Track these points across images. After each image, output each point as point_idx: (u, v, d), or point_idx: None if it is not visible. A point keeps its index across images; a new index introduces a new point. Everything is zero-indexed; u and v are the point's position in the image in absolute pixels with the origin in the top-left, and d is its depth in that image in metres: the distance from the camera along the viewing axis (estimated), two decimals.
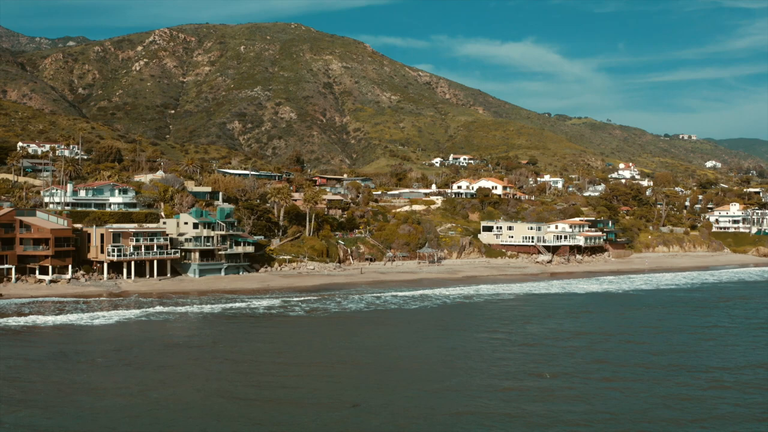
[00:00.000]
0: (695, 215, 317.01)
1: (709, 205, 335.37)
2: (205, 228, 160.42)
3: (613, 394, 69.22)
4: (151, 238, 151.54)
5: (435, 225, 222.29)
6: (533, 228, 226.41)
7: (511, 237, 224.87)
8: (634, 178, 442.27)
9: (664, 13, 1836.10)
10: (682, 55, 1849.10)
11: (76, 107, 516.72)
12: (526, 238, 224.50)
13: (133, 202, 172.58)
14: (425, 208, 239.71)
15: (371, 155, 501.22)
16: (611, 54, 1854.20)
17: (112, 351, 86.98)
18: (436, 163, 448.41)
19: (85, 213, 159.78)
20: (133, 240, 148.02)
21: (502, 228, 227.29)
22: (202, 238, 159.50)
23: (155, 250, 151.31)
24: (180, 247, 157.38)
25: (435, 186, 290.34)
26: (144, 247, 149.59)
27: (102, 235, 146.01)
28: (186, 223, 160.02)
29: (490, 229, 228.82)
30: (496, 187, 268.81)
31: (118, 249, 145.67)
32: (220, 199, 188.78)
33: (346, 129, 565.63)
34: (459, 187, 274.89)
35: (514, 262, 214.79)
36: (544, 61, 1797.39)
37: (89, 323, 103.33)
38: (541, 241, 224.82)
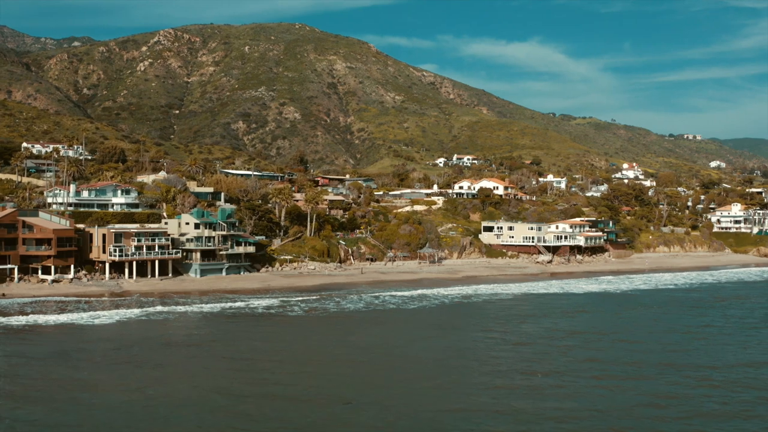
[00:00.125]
0: (697, 215, 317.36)
1: (711, 206, 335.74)
2: (206, 228, 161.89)
3: (600, 392, 70.41)
4: (152, 238, 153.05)
5: (436, 225, 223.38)
6: (534, 228, 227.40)
7: (512, 237, 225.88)
8: (637, 178, 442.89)
9: (670, 13, 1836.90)
10: (687, 55, 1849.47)
11: (80, 107, 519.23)
12: (527, 238, 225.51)
13: (136, 202, 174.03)
14: (426, 208, 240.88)
15: (375, 155, 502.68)
16: (617, 54, 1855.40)
17: (112, 349, 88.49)
18: (439, 164, 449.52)
19: (88, 213, 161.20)
20: (134, 240, 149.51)
21: (502, 228, 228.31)
22: (204, 238, 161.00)
23: (157, 250, 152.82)
24: (181, 248, 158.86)
25: (437, 186, 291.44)
26: (145, 248, 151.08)
27: (104, 236, 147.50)
28: (187, 224, 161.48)
29: (490, 229, 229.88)
30: (498, 188, 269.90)
31: (119, 249, 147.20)
32: (222, 200, 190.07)
33: (350, 129, 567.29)
34: (461, 187, 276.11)
35: (515, 263, 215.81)
36: (550, 60, 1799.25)
37: (90, 322, 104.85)
38: (542, 242, 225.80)
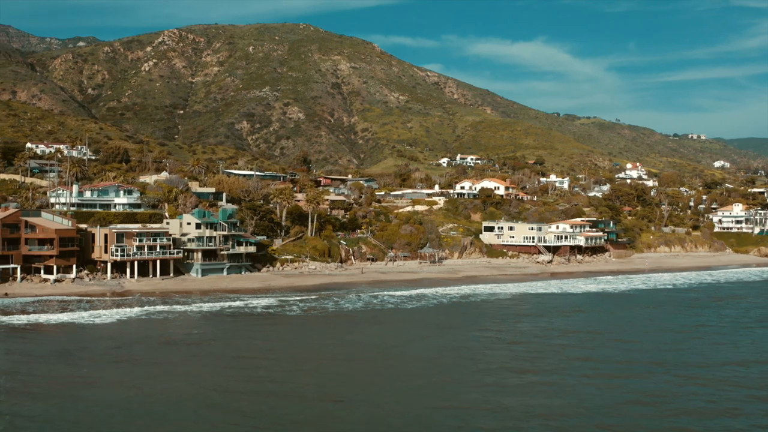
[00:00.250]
0: (699, 216, 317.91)
1: (713, 206, 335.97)
2: (207, 228, 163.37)
3: (589, 390, 71.52)
4: (154, 238, 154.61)
5: (437, 225, 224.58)
6: (534, 228, 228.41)
7: (512, 237, 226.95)
8: (641, 178, 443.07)
9: (675, 13, 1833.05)
10: (692, 55, 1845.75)
11: (85, 108, 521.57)
12: (527, 238, 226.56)
13: (138, 202, 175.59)
14: (428, 208, 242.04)
15: (379, 155, 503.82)
16: (622, 53, 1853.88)
17: (113, 348, 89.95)
18: (443, 163, 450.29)
19: (90, 213, 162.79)
20: (136, 240, 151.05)
21: (503, 228, 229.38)
22: (205, 238, 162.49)
23: (158, 250, 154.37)
24: (183, 247, 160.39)
25: (438, 186, 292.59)
26: (147, 247, 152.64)
27: (106, 236, 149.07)
28: (189, 224, 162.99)
29: (491, 229, 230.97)
30: (499, 188, 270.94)
31: (121, 249, 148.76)
32: (223, 200, 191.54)
33: (354, 129, 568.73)
34: (462, 187, 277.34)
35: (515, 262, 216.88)
36: (555, 60, 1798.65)
37: (91, 321, 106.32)
38: (542, 242, 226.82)
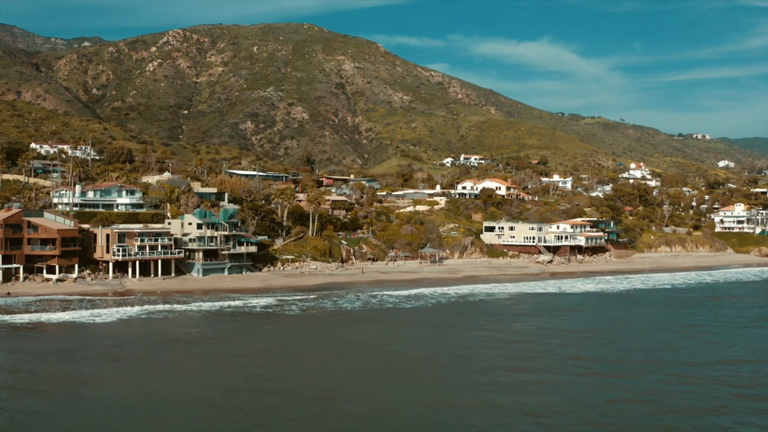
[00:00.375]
0: (701, 215, 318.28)
1: (715, 206, 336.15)
2: (208, 228, 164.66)
3: (582, 388, 72.52)
4: (155, 238, 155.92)
5: (438, 225, 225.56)
6: (534, 228, 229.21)
7: (513, 237, 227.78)
8: (644, 178, 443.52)
9: (680, 12, 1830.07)
10: (697, 55, 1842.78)
11: (89, 108, 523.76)
12: (528, 238, 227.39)
13: (140, 203, 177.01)
14: (429, 208, 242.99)
15: (383, 155, 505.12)
16: (627, 53, 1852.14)
17: (113, 347, 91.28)
18: (447, 163, 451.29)
19: (93, 213, 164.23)
20: (137, 240, 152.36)
21: (503, 228, 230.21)
22: (206, 238, 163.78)
23: (159, 250, 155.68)
24: (184, 247, 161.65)
25: (440, 187, 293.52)
26: (148, 247, 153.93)
27: (107, 236, 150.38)
28: (190, 224, 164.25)
29: (492, 229, 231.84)
30: (500, 188, 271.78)
31: (123, 249, 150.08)
32: (225, 200, 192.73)
33: (358, 129, 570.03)
34: (463, 187, 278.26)
35: (515, 262, 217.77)
36: (560, 60, 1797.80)
37: (92, 320, 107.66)
38: (542, 242, 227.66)
